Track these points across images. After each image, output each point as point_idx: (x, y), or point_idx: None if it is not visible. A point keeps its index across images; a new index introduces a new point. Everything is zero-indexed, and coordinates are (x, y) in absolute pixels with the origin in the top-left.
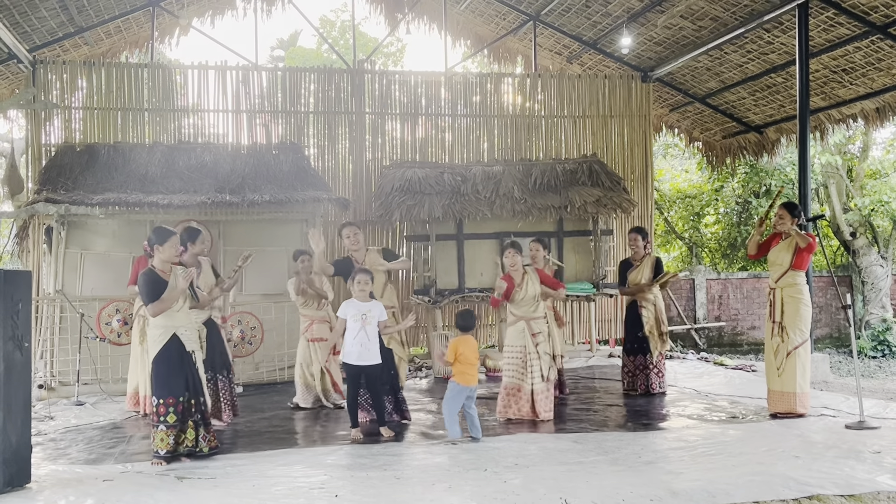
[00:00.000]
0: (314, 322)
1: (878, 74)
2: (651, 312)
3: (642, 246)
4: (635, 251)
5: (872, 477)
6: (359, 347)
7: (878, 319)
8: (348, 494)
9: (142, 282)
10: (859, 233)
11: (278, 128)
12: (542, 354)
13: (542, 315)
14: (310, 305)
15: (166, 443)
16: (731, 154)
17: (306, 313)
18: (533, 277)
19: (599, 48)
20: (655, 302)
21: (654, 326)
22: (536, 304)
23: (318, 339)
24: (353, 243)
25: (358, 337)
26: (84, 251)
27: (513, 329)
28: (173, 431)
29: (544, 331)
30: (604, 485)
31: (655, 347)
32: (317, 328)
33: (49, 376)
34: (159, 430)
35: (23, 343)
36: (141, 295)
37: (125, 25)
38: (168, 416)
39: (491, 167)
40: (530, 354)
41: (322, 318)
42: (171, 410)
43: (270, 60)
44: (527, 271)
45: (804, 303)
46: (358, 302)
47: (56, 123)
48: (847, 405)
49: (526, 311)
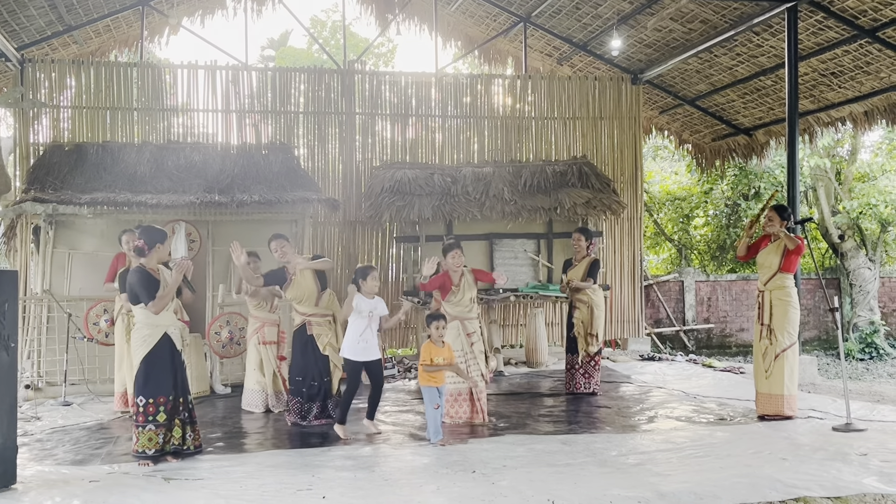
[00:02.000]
0: (265, 325)
1: (866, 78)
2: (582, 313)
3: (584, 246)
4: (577, 251)
5: (859, 479)
6: (364, 343)
7: (865, 322)
8: (336, 496)
9: (135, 280)
10: (847, 235)
11: (268, 128)
12: (478, 354)
13: (476, 315)
14: (262, 308)
15: (155, 442)
16: (720, 156)
17: (258, 315)
18: (469, 279)
19: (590, 50)
20: (590, 303)
21: (582, 327)
22: (472, 305)
23: (270, 342)
24: (280, 256)
25: (364, 333)
26: (72, 251)
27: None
28: (162, 430)
29: (478, 330)
30: (592, 486)
31: (582, 348)
32: (268, 331)
33: (36, 376)
34: (147, 430)
35: (9, 343)
36: (136, 294)
37: (114, 24)
38: (158, 415)
39: (481, 168)
40: (467, 355)
41: (273, 321)
42: (161, 409)
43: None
44: (464, 272)
45: (793, 305)
46: (367, 299)
47: (44, 122)
48: (834, 407)
49: (461, 311)
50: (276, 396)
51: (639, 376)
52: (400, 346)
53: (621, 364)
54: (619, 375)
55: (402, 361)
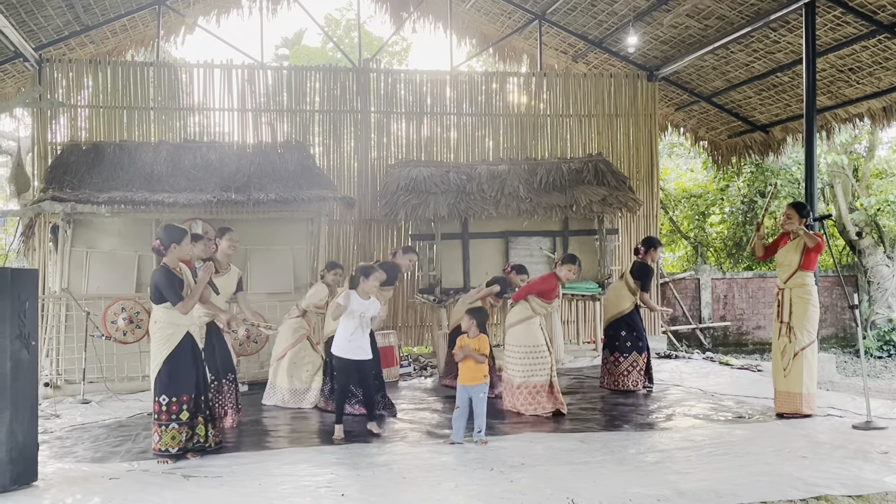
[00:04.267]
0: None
1: (885, 73)
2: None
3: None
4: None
5: (880, 477)
6: (354, 343)
7: (883, 319)
8: (355, 493)
9: (159, 280)
10: (865, 232)
11: (283, 126)
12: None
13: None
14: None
15: (178, 440)
16: (736, 153)
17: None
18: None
19: (605, 47)
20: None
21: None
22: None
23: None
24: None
25: (354, 334)
26: (90, 249)
27: (526, 325)
28: (185, 428)
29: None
30: (611, 484)
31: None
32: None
33: (55, 374)
34: (170, 429)
35: (30, 341)
36: (160, 293)
37: (131, 24)
38: (182, 413)
39: (496, 166)
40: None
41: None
42: (184, 408)
43: (275, 59)
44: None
45: (812, 304)
46: (362, 299)
47: (62, 122)
48: (854, 405)
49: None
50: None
51: (656, 374)
52: (416, 345)
53: None
54: None
55: (417, 359)
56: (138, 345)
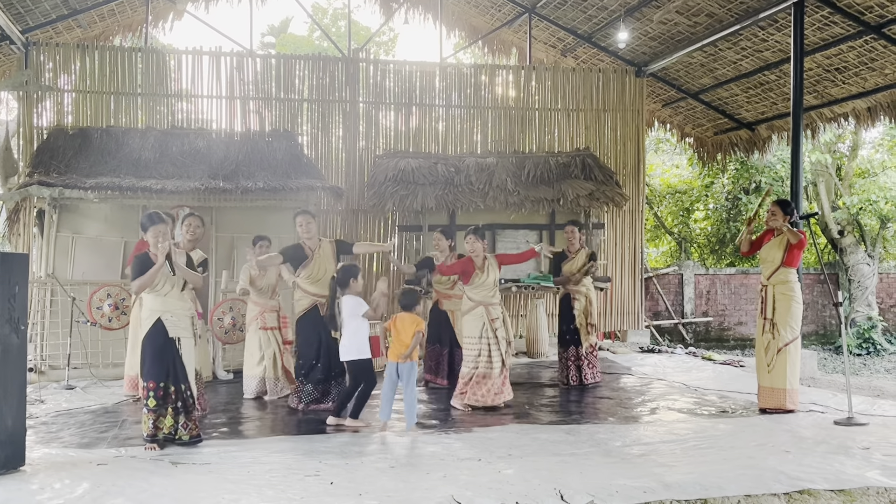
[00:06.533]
0: (265, 311)
1: (870, 74)
2: (581, 304)
3: (578, 238)
4: (571, 243)
5: (861, 472)
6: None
7: (863, 317)
8: (343, 482)
9: (134, 263)
10: (847, 231)
11: (272, 115)
12: (501, 339)
13: (498, 301)
14: (263, 294)
15: (147, 426)
16: (722, 150)
17: (258, 301)
18: (493, 263)
19: (594, 42)
20: (587, 294)
21: (584, 318)
22: (495, 290)
23: (271, 327)
24: (304, 231)
25: (358, 332)
26: (75, 235)
27: (471, 316)
28: (152, 416)
29: (500, 316)
30: (598, 476)
31: (585, 339)
32: (268, 317)
33: (39, 360)
34: (143, 413)
35: (19, 326)
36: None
37: (119, 9)
38: (149, 399)
39: (484, 159)
40: (490, 341)
41: (273, 308)
42: (151, 395)
43: (261, 47)
44: (486, 257)
45: (796, 300)
46: (361, 300)
47: (48, 106)
48: (835, 401)
49: (484, 296)
50: (274, 382)
51: (639, 368)
52: None
53: (621, 356)
54: (620, 367)
55: None
56: (123, 331)
